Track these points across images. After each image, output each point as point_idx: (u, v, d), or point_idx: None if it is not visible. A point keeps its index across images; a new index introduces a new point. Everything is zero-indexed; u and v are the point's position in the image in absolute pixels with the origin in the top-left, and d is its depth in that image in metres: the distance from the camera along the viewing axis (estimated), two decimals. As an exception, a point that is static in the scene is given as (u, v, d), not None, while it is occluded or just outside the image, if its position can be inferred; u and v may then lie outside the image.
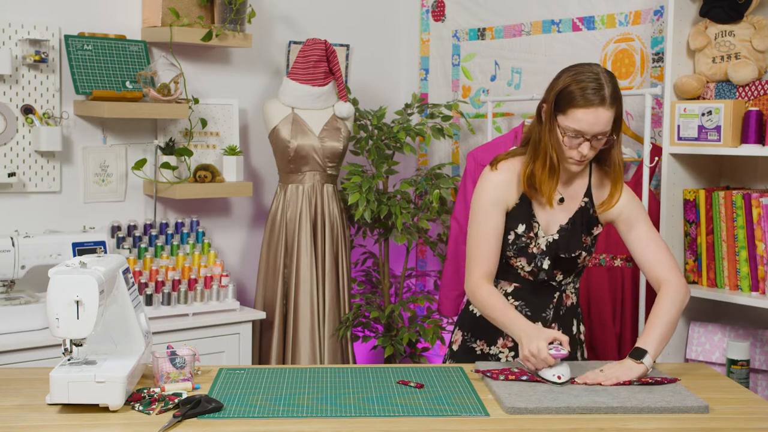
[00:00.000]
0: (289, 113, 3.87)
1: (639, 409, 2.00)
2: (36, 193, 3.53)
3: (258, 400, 2.06)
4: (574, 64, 2.34)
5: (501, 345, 2.47)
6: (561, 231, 2.40)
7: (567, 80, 2.27)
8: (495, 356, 2.47)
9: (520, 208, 2.38)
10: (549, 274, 2.42)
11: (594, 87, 2.23)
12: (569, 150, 2.29)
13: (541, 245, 2.39)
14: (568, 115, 2.25)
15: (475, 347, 2.50)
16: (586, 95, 2.23)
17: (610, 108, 2.24)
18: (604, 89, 2.23)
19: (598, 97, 2.23)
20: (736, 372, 2.93)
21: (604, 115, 2.24)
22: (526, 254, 2.39)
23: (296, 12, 4.22)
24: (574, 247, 2.40)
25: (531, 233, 2.38)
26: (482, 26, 4.20)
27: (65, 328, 1.96)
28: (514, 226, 2.38)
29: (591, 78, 2.24)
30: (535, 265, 2.40)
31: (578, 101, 2.23)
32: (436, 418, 1.96)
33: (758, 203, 2.94)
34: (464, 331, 2.54)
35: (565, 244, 2.39)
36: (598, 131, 2.25)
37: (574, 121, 2.25)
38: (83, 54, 3.53)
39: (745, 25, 3.08)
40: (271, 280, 3.87)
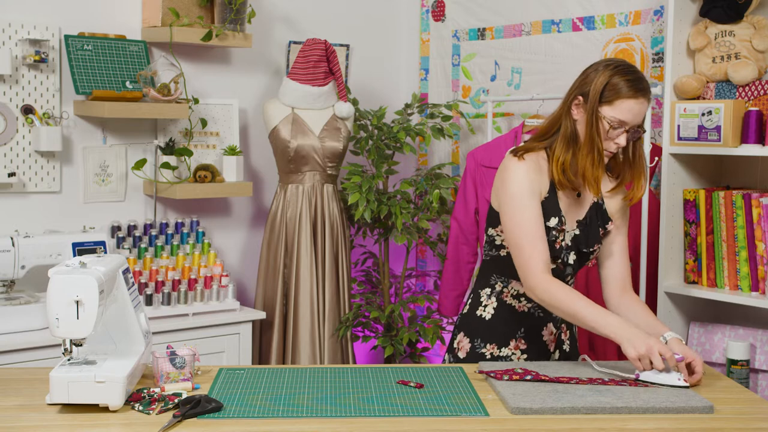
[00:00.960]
0: (289, 113, 3.87)
1: (644, 409, 1.99)
2: (36, 193, 3.53)
3: (258, 400, 2.06)
4: (601, 60, 2.37)
5: (513, 347, 2.44)
6: (580, 225, 2.40)
7: (608, 73, 2.29)
8: (507, 358, 2.44)
9: (550, 201, 2.36)
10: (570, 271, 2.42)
11: (637, 78, 2.29)
12: (608, 141, 2.31)
13: (567, 239, 2.39)
14: (615, 105, 2.27)
15: (485, 352, 2.46)
16: (634, 86, 2.27)
17: (650, 100, 2.32)
18: (645, 81, 2.30)
19: (643, 88, 2.29)
20: (736, 372, 2.93)
21: (646, 106, 2.31)
22: (554, 250, 2.36)
23: (296, 12, 4.22)
24: (593, 241, 2.41)
25: (562, 226, 2.36)
26: (482, 26, 4.20)
27: (65, 328, 1.96)
28: (547, 219, 2.34)
29: (631, 70, 2.30)
30: (561, 260, 2.38)
31: (626, 92, 2.27)
32: (436, 418, 1.96)
33: (758, 203, 2.94)
34: (471, 337, 2.49)
35: (584, 238, 2.40)
36: (639, 122, 2.31)
37: (620, 112, 2.27)
38: (83, 54, 3.53)
39: (745, 25, 3.08)
40: (271, 280, 3.87)
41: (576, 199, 2.41)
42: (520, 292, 2.44)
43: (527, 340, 2.44)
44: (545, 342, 2.46)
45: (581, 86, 2.34)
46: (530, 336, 2.45)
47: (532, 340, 2.45)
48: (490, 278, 2.48)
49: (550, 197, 2.36)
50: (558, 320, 2.45)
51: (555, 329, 2.45)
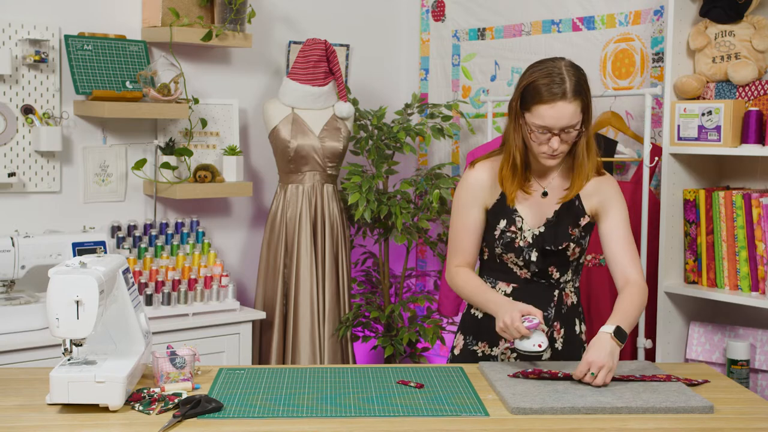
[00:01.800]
0: (289, 113, 3.87)
1: (644, 409, 1.99)
2: (36, 193, 3.53)
3: (258, 400, 2.06)
4: (538, 60, 2.36)
5: (504, 348, 2.46)
6: (547, 224, 2.41)
7: (529, 77, 2.30)
8: (496, 358, 2.47)
9: (500, 204, 2.43)
10: (542, 269, 2.42)
11: (552, 82, 2.25)
12: (540, 145, 2.32)
13: (527, 238, 2.40)
14: (533, 111, 2.28)
15: (476, 350, 2.49)
16: (547, 90, 2.25)
17: (573, 101, 2.26)
18: (565, 83, 2.25)
19: (559, 92, 2.24)
20: (736, 372, 2.93)
21: (567, 109, 2.25)
22: (514, 248, 2.41)
23: (296, 12, 4.22)
24: (561, 239, 2.40)
25: (513, 227, 2.40)
26: (482, 26, 4.20)
27: (65, 328, 1.96)
28: (497, 222, 2.42)
29: (551, 72, 2.27)
30: (523, 258, 2.41)
31: (540, 97, 2.26)
32: (436, 418, 1.96)
33: (758, 203, 2.94)
34: (465, 335, 2.53)
35: (551, 236, 2.40)
36: (564, 125, 2.27)
37: (538, 118, 2.27)
38: (83, 54, 3.53)
39: (745, 25, 3.08)
40: (271, 280, 3.87)
41: (543, 198, 2.42)
42: (507, 292, 2.46)
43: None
44: None
45: (514, 91, 2.36)
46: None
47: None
48: (482, 278, 2.52)
49: (502, 200, 2.42)
50: (549, 318, 2.45)
51: (546, 327, 2.45)
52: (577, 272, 2.51)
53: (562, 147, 2.31)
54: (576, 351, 2.50)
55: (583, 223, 2.43)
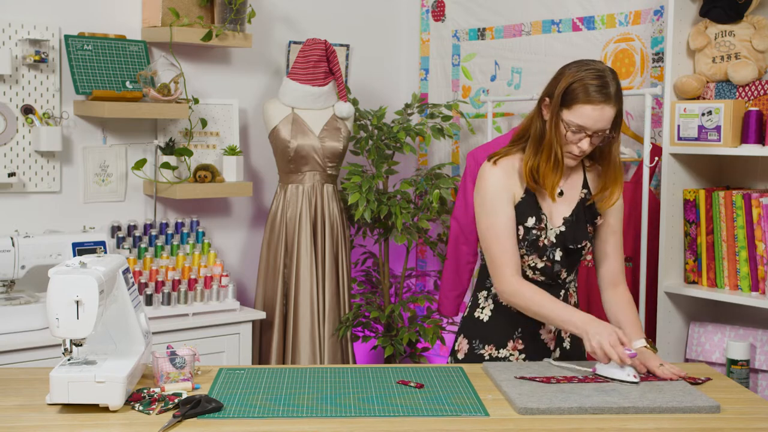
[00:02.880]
0: (289, 113, 3.87)
1: (650, 409, 1.99)
2: (36, 193, 3.53)
3: (258, 400, 2.06)
4: (577, 60, 2.36)
5: (511, 347, 2.45)
6: (566, 222, 2.42)
7: (572, 76, 2.29)
8: (505, 359, 2.46)
9: (526, 201, 2.40)
10: (560, 269, 2.43)
11: (600, 84, 2.26)
12: (569, 144, 2.33)
13: (551, 237, 2.40)
14: (573, 110, 2.28)
15: (483, 353, 2.47)
16: (593, 92, 2.26)
17: (614, 106, 2.28)
18: (609, 87, 2.27)
19: (603, 95, 2.26)
20: (736, 372, 2.93)
21: (609, 113, 2.27)
22: (538, 248, 2.39)
23: (296, 12, 4.22)
24: (581, 237, 2.42)
25: (541, 225, 2.39)
26: (482, 26, 4.20)
27: (65, 328, 1.96)
28: (524, 220, 2.39)
29: (597, 75, 2.27)
30: (547, 258, 2.40)
31: (584, 98, 2.26)
32: (436, 418, 1.96)
33: (758, 203, 2.94)
34: (470, 339, 2.51)
35: (571, 235, 2.41)
36: (601, 128, 2.29)
37: (578, 117, 2.27)
38: (83, 54, 3.53)
39: (745, 25, 3.08)
40: (271, 280, 3.87)
41: (559, 197, 2.43)
42: None
43: (525, 340, 2.45)
44: (543, 341, 2.46)
45: (551, 86, 2.35)
46: (528, 336, 2.45)
47: (529, 340, 2.46)
48: (486, 281, 2.51)
49: (527, 198, 2.40)
50: None
51: (554, 328, 2.46)
52: (577, 272, 2.53)
53: (589, 149, 2.33)
54: (579, 350, 2.51)
55: (599, 222, 2.46)
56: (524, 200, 2.39)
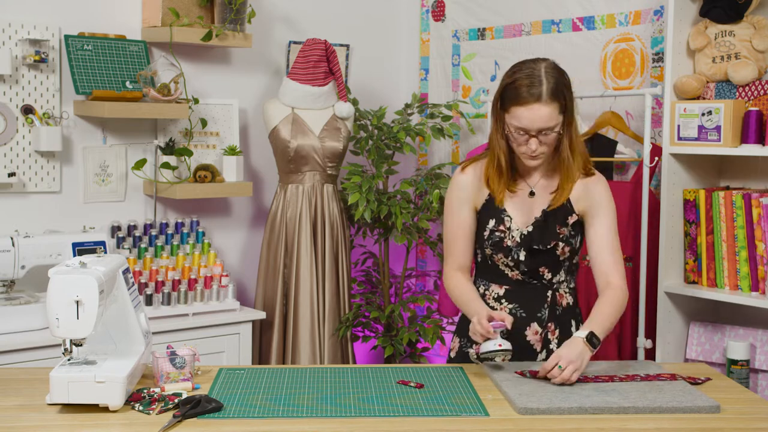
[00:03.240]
0: (289, 113, 3.87)
1: (651, 408, 2.00)
2: (36, 193, 3.53)
3: (258, 400, 2.06)
4: (517, 62, 2.38)
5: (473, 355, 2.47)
6: (535, 223, 2.42)
7: (506, 79, 2.33)
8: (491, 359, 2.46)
9: (489, 204, 2.45)
10: (532, 269, 2.43)
11: (529, 84, 2.27)
12: (519, 146, 2.35)
13: (516, 237, 2.41)
14: (511, 112, 2.31)
15: (471, 352, 2.48)
16: (523, 93, 2.27)
17: (549, 103, 2.27)
18: (540, 86, 2.27)
19: (532, 95, 2.26)
20: (736, 372, 2.93)
21: (543, 111, 2.27)
22: (502, 248, 2.42)
23: (296, 12, 4.22)
24: (549, 238, 2.41)
25: (502, 227, 2.42)
26: (482, 26, 4.20)
27: (65, 328, 1.96)
28: (486, 222, 2.44)
29: (527, 75, 2.29)
30: (512, 258, 2.42)
31: (516, 99, 2.28)
32: (436, 418, 1.96)
33: (758, 203, 2.94)
34: (460, 337, 2.55)
35: (539, 236, 2.41)
36: (541, 127, 2.28)
37: (515, 119, 2.30)
38: (83, 54, 3.53)
39: (745, 25, 3.08)
40: (271, 280, 3.87)
41: (530, 198, 2.43)
42: (500, 294, 2.47)
43: (511, 341, 2.45)
44: (529, 342, 2.46)
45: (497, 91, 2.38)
46: (513, 337, 2.44)
47: (515, 341, 2.44)
48: (476, 281, 2.54)
49: (491, 200, 2.44)
50: (543, 320, 2.45)
51: (540, 329, 2.46)
52: (572, 273, 2.50)
53: (542, 148, 2.33)
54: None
55: (572, 222, 2.43)
56: (487, 203, 2.46)
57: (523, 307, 2.45)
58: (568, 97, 2.31)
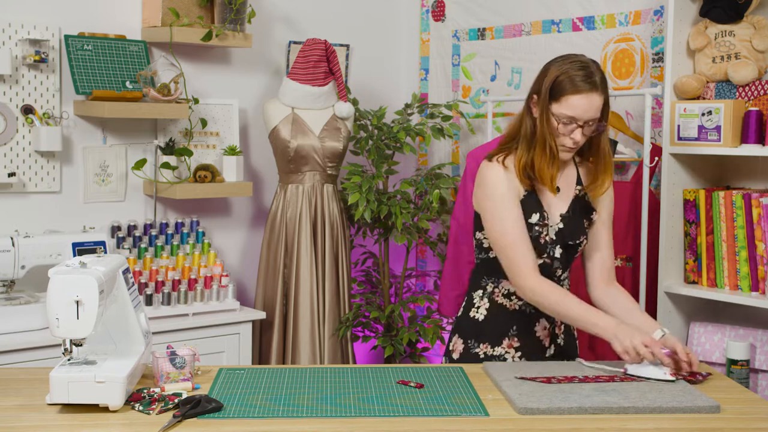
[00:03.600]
0: (289, 113, 3.87)
1: (651, 409, 1.99)
2: (36, 193, 3.53)
3: (258, 400, 2.06)
4: (560, 56, 2.41)
5: (507, 345, 2.47)
6: (564, 219, 2.43)
7: (558, 70, 2.34)
8: (500, 357, 2.47)
9: (530, 198, 2.41)
10: (558, 266, 2.44)
11: (585, 74, 2.32)
12: (562, 137, 2.36)
13: (551, 234, 2.42)
14: (562, 102, 2.32)
15: (478, 352, 2.49)
16: (579, 82, 2.31)
17: (601, 94, 2.33)
18: (594, 76, 2.32)
19: (590, 84, 2.31)
20: (736, 372, 2.93)
21: (596, 101, 2.32)
22: (539, 245, 2.40)
23: (296, 12, 4.22)
24: (578, 233, 2.44)
25: (544, 222, 2.41)
26: (482, 26, 4.20)
27: (65, 328, 1.96)
28: (528, 216, 2.40)
29: (581, 66, 2.33)
30: (548, 255, 2.41)
31: (572, 88, 2.31)
32: (436, 418, 1.96)
33: (758, 203, 2.94)
34: (465, 338, 2.52)
35: (570, 231, 2.43)
36: (590, 117, 2.33)
37: (568, 108, 2.31)
38: (83, 54, 3.53)
39: (745, 25, 3.08)
40: (271, 280, 3.87)
41: (557, 193, 2.44)
42: (510, 290, 2.47)
43: (520, 337, 2.47)
44: (539, 338, 2.47)
45: (537, 83, 2.40)
46: (523, 333, 2.47)
47: (525, 337, 2.47)
48: (481, 280, 2.52)
49: (530, 194, 2.41)
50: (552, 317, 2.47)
51: (548, 324, 2.48)
52: (570, 270, 2.53)
53: (582, 140, 2.36)
54: (572, 348, 2.53)
55: (594, 218, 2.48)
56: (528, 195, 2.41)
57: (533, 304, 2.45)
58: (608, 91, 2.38)
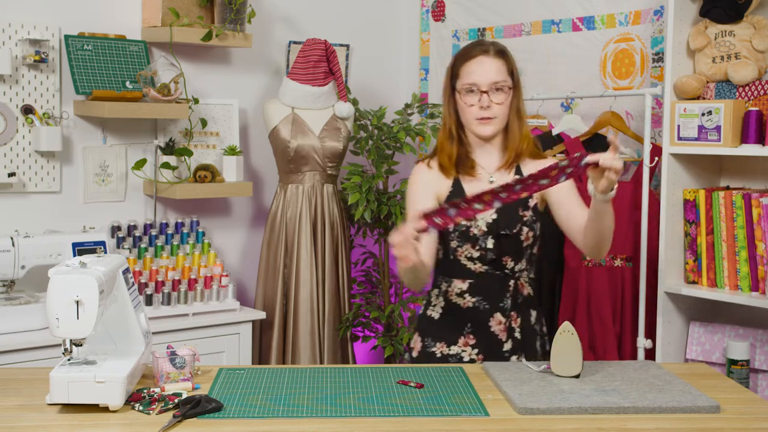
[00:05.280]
0: (289, 113, 3.87)
1: (651, 409, 1.99)
2: (36, 193, 3.53)
3: (258, 400, 2.06)
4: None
5: (462, 343, 2.48)
6: (498, 210, 2.43)
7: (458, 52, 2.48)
8: (457, 356, 2.49)
9: (453, 195, 2.45)
10: (497, 257, 2.44)
11: (475, 43, 2.48)
12: (470, 108, 2.42)
13: (482, 226, 2.43)
14: (461, 74, 2.43)
15: (435, 351, 2.51)
16: (471, 49, 2.45)
17: (496, 57, 2.42)
18: (484, 44, 2.44)
19: (479, 49, 2.42)
20: (736, 372, 2.93)
21: (491, 64, 2.41)
22: (469, 238, 2.43)
23: (296, 12, 4.22)
24: (515, 222, 2.43)
25: None
26: (482, 26, 4.20)
27: (65, 328, 1.96)
28: None
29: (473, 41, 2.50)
30: (480, 247, 2.43)
31: (463, 57, 2.43)
32: (436, 418, 1.96)
33: (758, 203, 2.94)
34: (423, 337, 2.55)
35: (505, 220, 2.43)
36: (491, 80, 2.40)
37: (465, 75, 2.41)
38: (83, 54, 3.53)
39: (745, 25, 3.08)
40: (271, 280, 3.87)
41: (490, 184, 2.44)
42: (463, 289, 2.48)
43: (475, 334, 2.48)
44: (494, 333, 2.47)
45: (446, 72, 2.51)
46: (478, 330, 2.48)
47: (480, 334, 2.48)
48: (437, 279, 2.55)
49: (455, 190, 2.46)
50: (506, 309, 2.47)
51: (504, 318, 2.47)
52: (532, 263, 2.52)
53: (494, 108, 2.40)
54: (532, 342, 2.53)
55: (532, 205, 2.46)
56: (452, 193, 2.46)
57: (486, 299, 2.47)
58: (514, 65, 2.46)
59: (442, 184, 2.48)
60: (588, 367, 2.29)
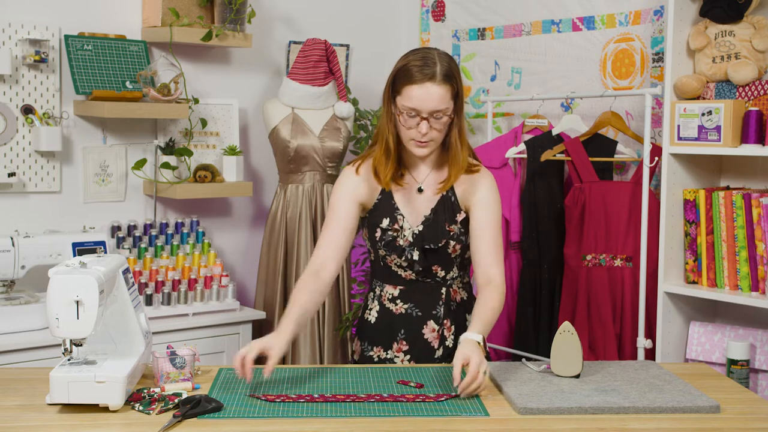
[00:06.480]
0: (289, 113, 3.87)
1: (650, 409, 2.00)
2: (36, 193, 3.53)
3: (258, 400, 2.06)
4: (412, 49, 2.40)
5: (396, 349, 2.47)
6: (425, 222, 2.40)
7: (399, 63, 2.34)
8: (391, 360, 2.48)
9: (382, 203, 2.41)
10: (425, 268, 2.42)
11: (422, 65, 2.28)
12: (409, 130, 2.32)
13: (408, 237, 2.40)
14: (403, 94, 2.31)
15: (372, 354, 2.50)
16: (416, 72, 2.28)
17: (442, 84, 2.28)
18: (433, 67, 2.28)
19: (425, 74, 2.27)
20: (736, 372, 2.93)
21: (436, 91, 2.27)
22: (395, 248, 2.40)
23: (296, 12, 4.22)
24: (440, 236, 2.39)
25: (396, 225, 2.40)
26: (482, 26, 4.20)
27: (65, 328, 1.96)
28: (379, 221, 2.41)
29: (420, 57, 2.30)
30: (405, 258, 2.40)
31: (408, 79, 2.29)
32: (436, 418, 1.96)
33: (758, 203, 2.94)
34: (362, 340, 2.54)
35: (430, 234, 2.39)
36: (433, 108, 2.28)
37: (407, 99, 2.29)
38: (83, 54, 3.53)
39: (745, 25, 3.08)
40: (271, 280, 3.87)
41: (418, 194, 2.42)
42: (395, 295, 2.47)
43: (408, 341, 2.47)
44: (427, 340, 2.46)
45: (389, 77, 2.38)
46: (411, 337, 2.46)
47: (413, 340, 2.46)
48: (372, 281, 2.54)
49: (383, 199, 2.41)
50: (440, 317, 2.45)
51: (437, 326, 2.46)
52: (464, 268, 2.49)
53: (432, 134, 2.31)
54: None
55: (460, 219, 2.42)
56: (380, 201, 2.42)
57: (418, 306, 2.46)
58: (459, 85, 2.32)
59: (369, 193, 2.42)
60: (588, 367, 2.30)
